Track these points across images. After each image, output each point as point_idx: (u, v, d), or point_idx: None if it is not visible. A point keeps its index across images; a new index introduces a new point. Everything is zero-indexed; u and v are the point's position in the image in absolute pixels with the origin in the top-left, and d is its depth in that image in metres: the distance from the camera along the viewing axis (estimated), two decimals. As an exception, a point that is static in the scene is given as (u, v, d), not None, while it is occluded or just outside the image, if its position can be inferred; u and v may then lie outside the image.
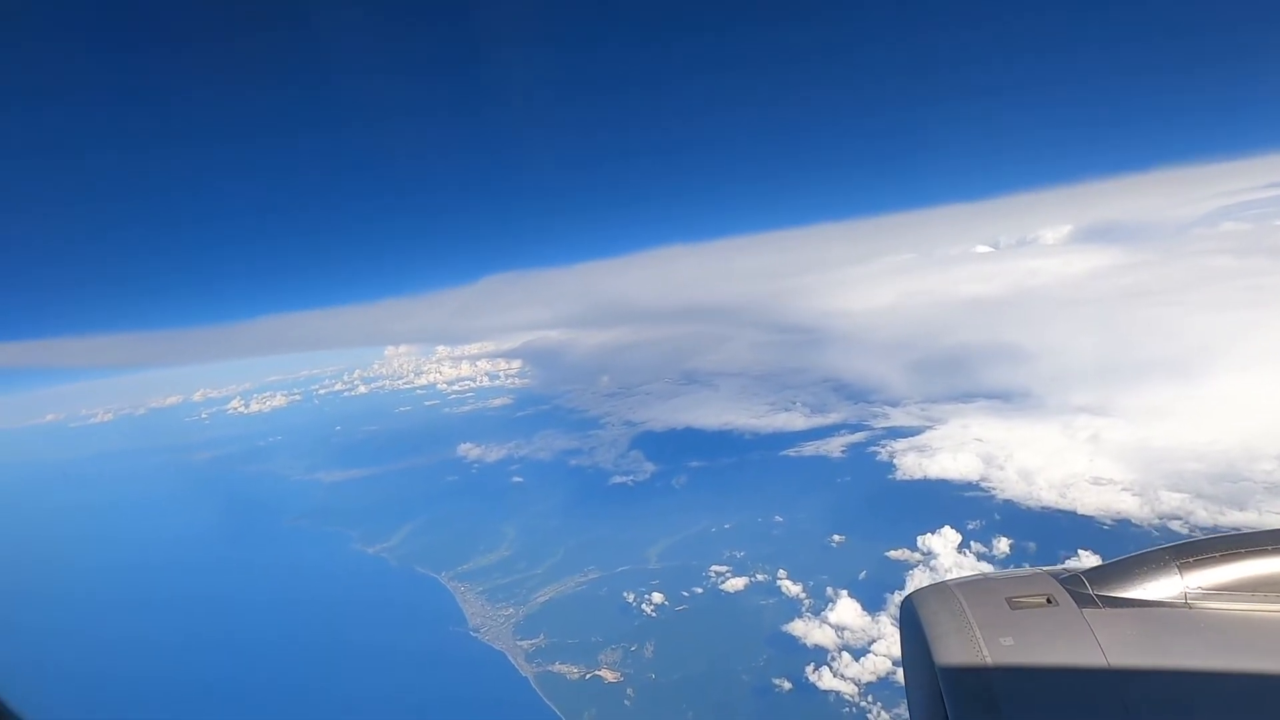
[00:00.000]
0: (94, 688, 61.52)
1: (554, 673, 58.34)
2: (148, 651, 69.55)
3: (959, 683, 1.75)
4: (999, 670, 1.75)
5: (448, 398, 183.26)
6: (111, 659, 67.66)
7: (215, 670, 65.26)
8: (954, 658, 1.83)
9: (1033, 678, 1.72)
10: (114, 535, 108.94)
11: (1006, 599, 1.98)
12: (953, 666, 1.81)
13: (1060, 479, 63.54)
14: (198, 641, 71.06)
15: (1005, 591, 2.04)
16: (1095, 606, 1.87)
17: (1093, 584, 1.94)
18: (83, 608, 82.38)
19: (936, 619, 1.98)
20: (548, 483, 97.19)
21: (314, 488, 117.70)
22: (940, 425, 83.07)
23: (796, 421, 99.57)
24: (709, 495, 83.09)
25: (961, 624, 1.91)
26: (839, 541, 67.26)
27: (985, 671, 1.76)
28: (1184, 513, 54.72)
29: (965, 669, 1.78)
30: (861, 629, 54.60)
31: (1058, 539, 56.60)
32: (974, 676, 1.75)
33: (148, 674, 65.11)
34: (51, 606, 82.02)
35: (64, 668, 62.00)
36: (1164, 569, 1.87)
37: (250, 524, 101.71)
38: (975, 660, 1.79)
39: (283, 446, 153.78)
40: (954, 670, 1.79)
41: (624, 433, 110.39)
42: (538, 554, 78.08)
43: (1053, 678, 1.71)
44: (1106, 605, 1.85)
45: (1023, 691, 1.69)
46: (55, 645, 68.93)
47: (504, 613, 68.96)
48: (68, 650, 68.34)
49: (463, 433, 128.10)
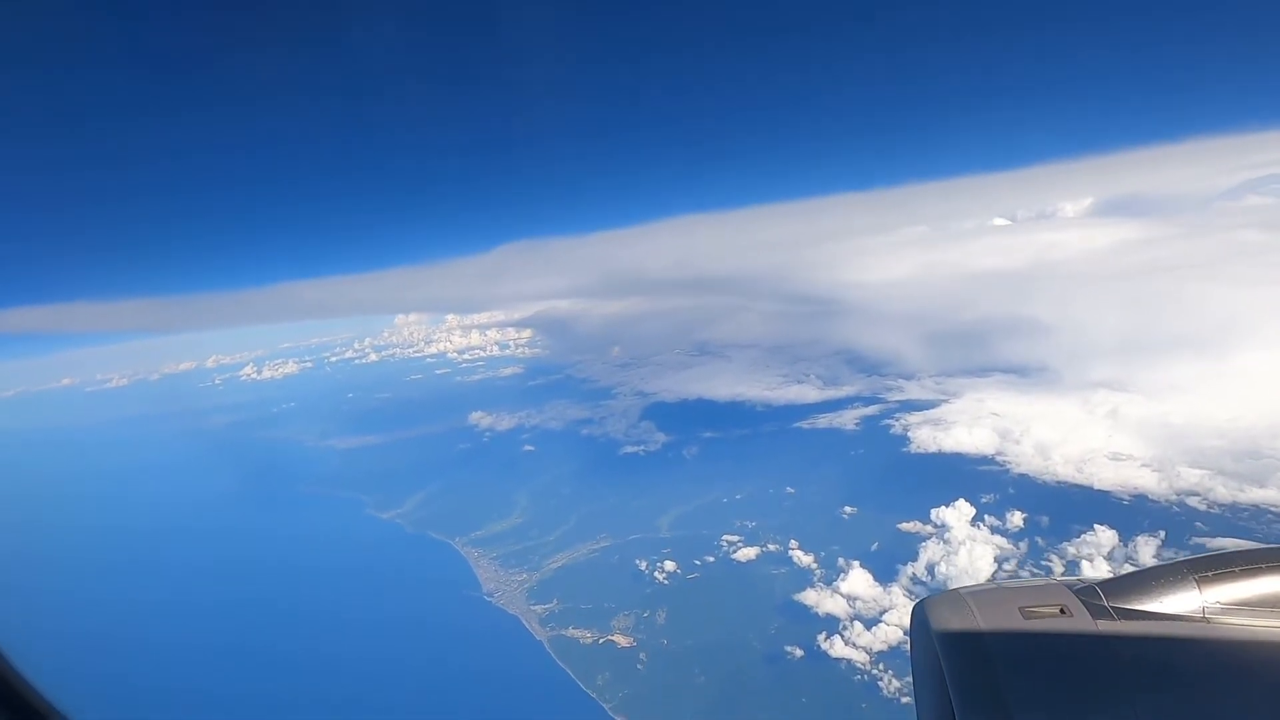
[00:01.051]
0: (111, 652, 62.23)
1: (567, 637, 59.19)
2: (165, 616, 70.36)
3: (969, 691, 1.72)
4: (1010, 679, 1.71)
5: (458, 366, 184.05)
6: (129, 624, 68.34)
7: (233, 635, 66.23)
8: (964, 665, 1.79)
9: (1044, 688, 1.69)
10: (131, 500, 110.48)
11: (1019, 608, 1.93)
12: (963, 674, 1.77)
13: (1077, 454, 63.14)
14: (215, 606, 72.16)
15: (1018, 601, 1.98)
16: (1110, 618, 1.81)
17: (1108, 595, 1.89)
18: (100, 573, 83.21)
19: (948, 626, 1.93)
20: (559, 452, 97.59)
21: (328, 454, 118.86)
22: (956, 399, 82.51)
23: (809, 394, 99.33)
24: (720, 466, 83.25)
25: (973, 632, 1.87)
26: (851, 513, 67.37)
27: (996, 680, 1.72)
28: (1203, 489, 54.31)
29: (976, 677, 1.74)
30: (873, 599, 54.97)
31: (1072, 514, 56.47)
32: (984, 685, 1.72)
33: (165, 638, 65.55)
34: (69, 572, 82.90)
35: (81, 633, 62.62)
36: (1181, 582, 1.81)
37: (266, 490, 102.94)
38: (986, 668, 1.75)
39: (296, 413, 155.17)
40: (964, 678, 1.75)
41: (635, 403, 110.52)
42: (550, 521, 78.76)
43: (1065, 689, 1.68)
44: (1121, 617, 1.79)
45: (1034, 702, 1.66)
46: (73, 611, 69.57)
47: (517, 578, 69.82)
48: (85, 616, 69.20)
49: (474, 401, 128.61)
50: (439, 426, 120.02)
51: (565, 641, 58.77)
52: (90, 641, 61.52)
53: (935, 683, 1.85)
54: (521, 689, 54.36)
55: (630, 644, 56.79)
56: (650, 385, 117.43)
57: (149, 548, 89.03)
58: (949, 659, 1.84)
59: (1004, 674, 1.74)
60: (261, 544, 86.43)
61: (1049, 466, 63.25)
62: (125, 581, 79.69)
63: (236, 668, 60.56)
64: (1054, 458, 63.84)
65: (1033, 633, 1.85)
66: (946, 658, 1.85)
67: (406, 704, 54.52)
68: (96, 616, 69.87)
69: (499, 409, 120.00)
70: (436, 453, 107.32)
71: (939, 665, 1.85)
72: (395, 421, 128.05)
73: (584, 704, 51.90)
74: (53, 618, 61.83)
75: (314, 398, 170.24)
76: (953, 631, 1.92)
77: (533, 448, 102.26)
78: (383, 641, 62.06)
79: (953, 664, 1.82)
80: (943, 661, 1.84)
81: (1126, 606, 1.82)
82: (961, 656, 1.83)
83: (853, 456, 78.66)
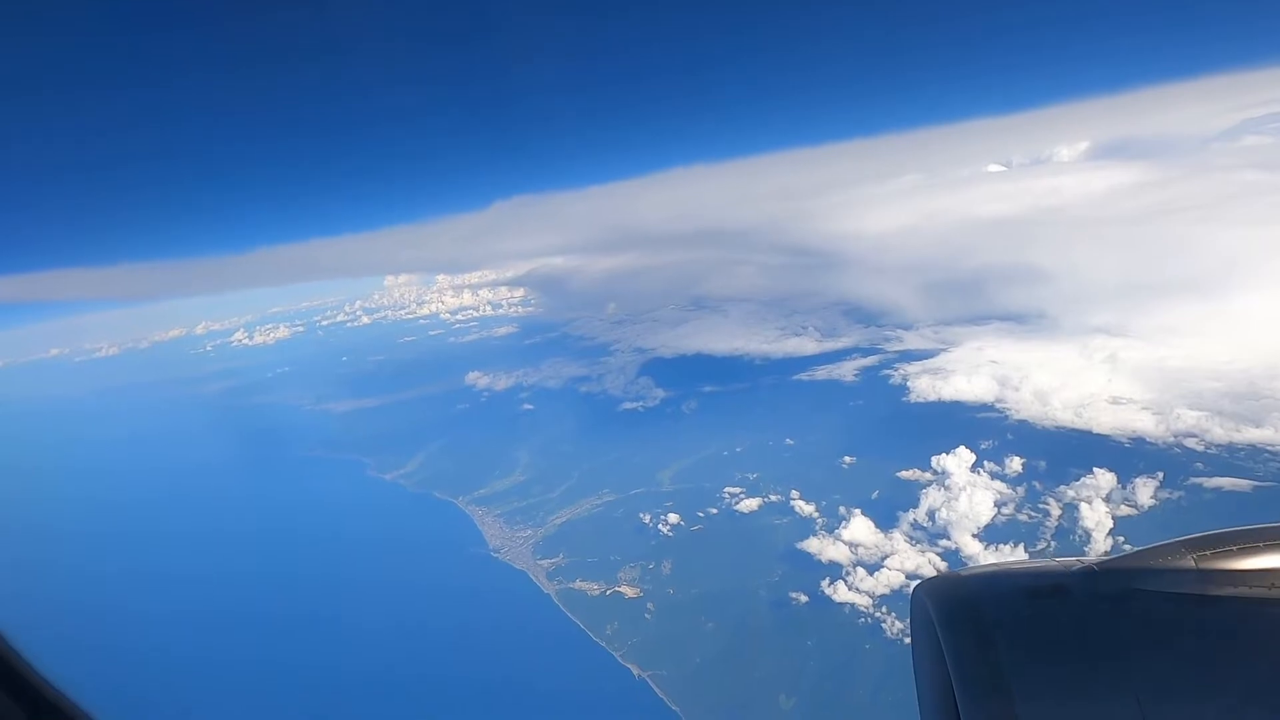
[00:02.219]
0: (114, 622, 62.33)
1: (575, 590, 60.23)
2: (169, 585, 70.35)
3: (969, 672, 1.74)
4: (1009, 659, 1.74)
5: (451, 327, 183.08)
6: (132, 595, 68.02)
7: (241, 601, 66.83)
8: (964, 646, 1.81)
9: (1044, 669, 1.72)
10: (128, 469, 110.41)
11: (1020, 590, 1.94)
12: (962, 655, 1.79)
13: (1076, 399, 63.58)
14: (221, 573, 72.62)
15: (1017, 581, 2.00)
16: (1110, 599, 1.82)
17: (1107, 575, 1.87)
18: (101, 544, 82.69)
19: (946, 607, 1.92)
20: (558, 409, 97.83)
21: (326, 418, 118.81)
22: (955, 348, 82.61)
23: (808, 346, 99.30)
24: (720, 420, 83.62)
25: (972, 613, 1.88)
26: (850, 463, 68.07)
27: (996, 660, 1.74)
28: (1200, 430, 54.93)
29: (975, 657, 1.76)
30: (875, 545, 55.92)
31: (1071, 458, 57.19)
32: (984, 665, 1.74)
33: (170, 609, 65.51)
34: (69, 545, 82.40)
35: (81, 607, 62.13)
36: (1179, 560, 1.79)
37: (266, 455, 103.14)
38: (985, 649, 1.77)
39: (291, 378, 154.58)
40: (964, 658, 1.77)
41: (633, 359, 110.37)
42: (552, 478, 79.36)
43: (1065, 668, 1.71)
44: (1121, 598, 1.80)
45: (1034, 682, 1.70)
46: (73, 585, 69.25)
47: (522, 534, 70.68)
48: (87, 589, 69.06)
49: (469, 361, 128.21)
50: (436, 387, 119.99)
51: (573, 594, 59.82)
52: (91, 616, 61.25)
53: (935, 664, 1.86)
54: (533, 640, 55.56)
55: (637, 594, 57.86)
56: (647, 341, 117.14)
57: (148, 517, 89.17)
58: (948, 640, 1.83)
59: (1003, 654, 1.75)
60: (264, 508, 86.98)
61: (1048, 412, 63.76)
62: (127, 552, 79.52)
63: (246, 634, 61.03)
64: (1053, 403, 64.31)
65: (1031, 613, 1.85)
66: (946, 639, 1.84)
67: (422, 658, 55.61)
68: (98, 590, 69.63)
69: (495, 368, 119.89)
70: (435, 413, 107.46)
71: (938, 646, 1.84)
72: (391, 383, 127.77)
73: (594, 653, 53.15)
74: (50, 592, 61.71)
75: (308, 362, 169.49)
76: (951, 612, 1.91)
77: (531, 406, 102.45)
78: (393, 599, 63.04)
79: (952, 645, 1.82)
80: (942, 642, 1.84)
81: (1127, 586, 1.81)
82: (960, 637, 1.83)
83: (852, 407, 79.13)
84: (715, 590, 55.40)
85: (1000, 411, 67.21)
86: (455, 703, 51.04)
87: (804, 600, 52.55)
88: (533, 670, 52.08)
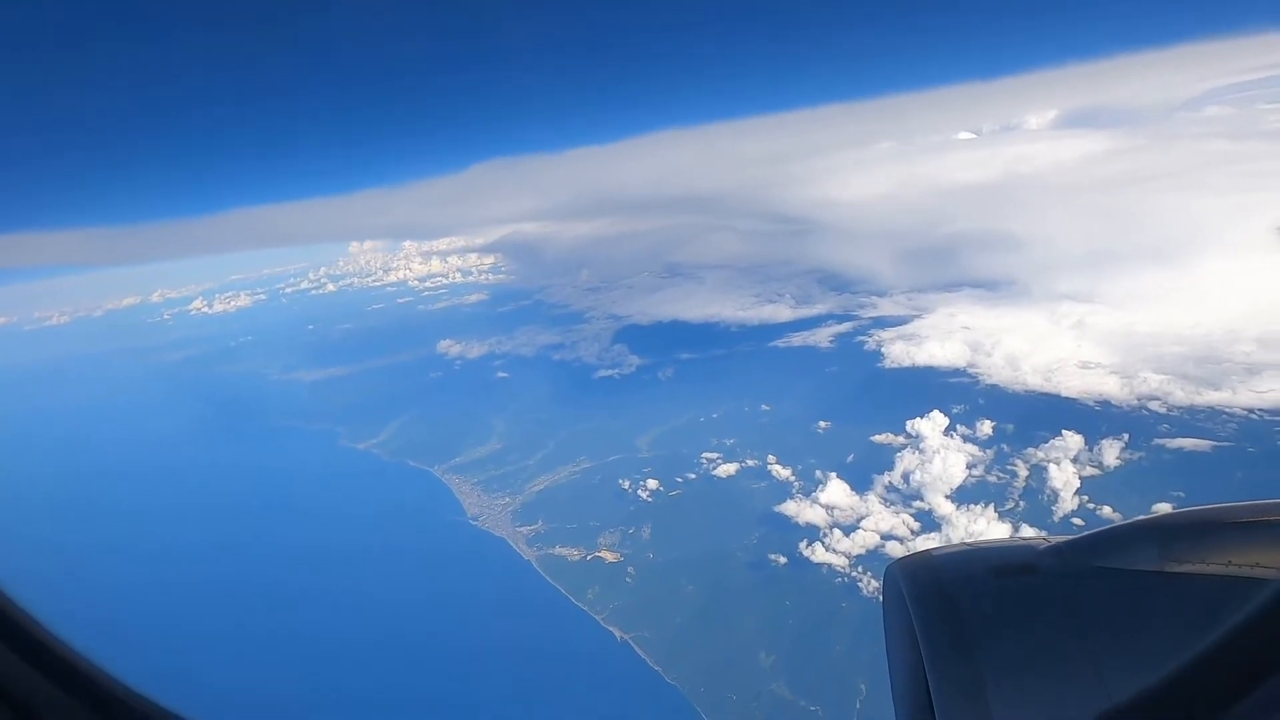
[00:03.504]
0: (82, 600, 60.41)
1: (555, 555, 60.48)
2: (142, 560, 68.55)
3: (940, 652, 1.80)
4: (978, 636, 1.80)
5: (420, 294, 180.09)
6: (95, 571, 65.50)
7: (216, 574, 65.42)
8: (935, 624, 1.87)
9: (1011, 644, 1.79)
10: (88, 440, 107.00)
11: (989, 568, 2.01)
12: (933, 632, 1.85)
13: (1045, 364, 65.14)
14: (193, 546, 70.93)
15: (988, 560, 2.06)
16: (1075, 576, 1.90)
17: (1073, 553, 1.95)
18: (61, 517, 79.00)
19: (919, 586, 1.98)
20: (533, 377, 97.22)
21: (295, 387, 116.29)
22: (928, 314, 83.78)
23: (783, 313, 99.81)
24: (696, 387, 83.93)
25: (944, 592, 1.95)
26: (826, 428, 68.97)
27: (966, 639, 1.81)
28: (1163, 393, 56.75)
29: (946, 636, 1.83)
30: (850, 507, 57.00)
31: (1040, 420, 58.71)
32: (954, 643, 1.80)
33: (139, 584, 63.89)
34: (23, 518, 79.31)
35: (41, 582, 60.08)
36: (1142, 538, 1.89)
37: (234, 425, 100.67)
38: (956, 627, 1.84)
39: (255, 346, 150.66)
40: (934, 636, 1.84)
41: (608, 326, 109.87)
42: (529, 446, 79.08)
43: (1030, 644, 1.78)
44: (1086, 575, 1.88)
45: (1001, 657, 1.76)
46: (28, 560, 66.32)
47: (500, 502, 70.53)
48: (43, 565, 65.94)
49: (441, 329, 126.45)
50: (407, 355, 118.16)
51: (553, 560, 60.07)
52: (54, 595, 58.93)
53: (907, 641, 1.90)
54: (514, 606, 55.77)
55: (618, 559, 58.32)
56: (622, 308, 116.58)
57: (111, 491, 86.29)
58: (920, 617, 1.89)
59: (972, 630, 1.81)
60: (234, 479, 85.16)
61: (1018, 377, 65.23)
62: (88, 528, 76.32)
63: (221, 610, 59.72)
64: (1023, 368, 65.80)
65: (1001, 592, 1.91)
66: (918, 616, 1.89)
67: (404, 627, 55.49)
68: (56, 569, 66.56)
69: (468, 336, 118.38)
70: (407, 382, 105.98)
71: (910, 623, 1.90)
72: (361, 352, 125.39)
73: (576, 617, 53.62)
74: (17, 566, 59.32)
75: (272, 330, 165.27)
76: (923, 590, 1.97)
77: (506, 374, 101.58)
78: (372, 569, 62.64)
79: (923, 621, 1.88)
80: (914, 619, 1.89)
81: (1091, 564, 1.89)
82: (932, 614, 1.89)
83: (827, 373, 79.97)
84: (695, 553, 56.06)
85: (972, 376, 68.55)
86: (440, 668, 51.19)
87: (783, 562, 53.52)
88: (515, 635, 52.42)
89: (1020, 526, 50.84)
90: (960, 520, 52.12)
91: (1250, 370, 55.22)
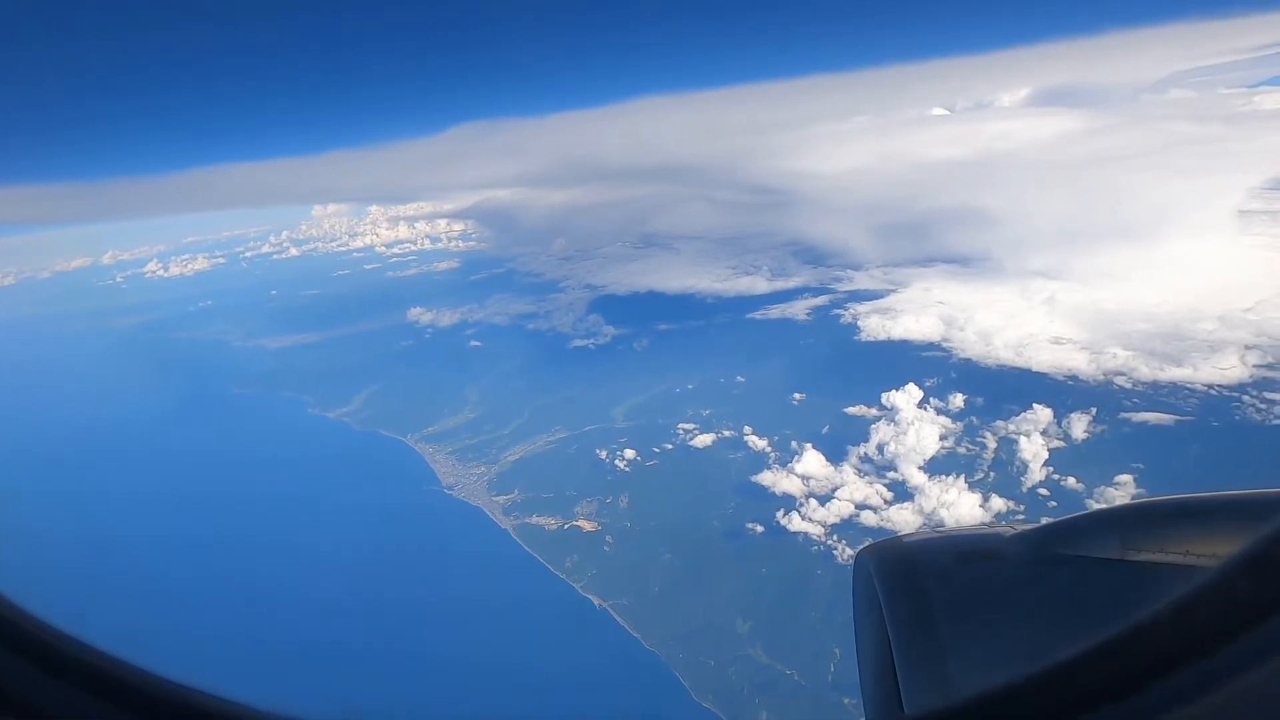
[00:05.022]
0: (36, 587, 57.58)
1: (532, 524, 60.35)
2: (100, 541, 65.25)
3: (907, 635, 1.87)
4: (945, 623, 1.87)
5: (388, 261, 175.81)
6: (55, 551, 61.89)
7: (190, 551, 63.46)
8: (902, 610, 1.92)
9: (975, 630, 1.86)
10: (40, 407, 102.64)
11: (957, 555, 2.06)
12: (900, 618, 1.90)
13: (1017, 339, 66.51)
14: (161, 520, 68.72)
15: (957, 547, 2.11)
16: (1039, 563, 1.96)
17: (1038, 541, 2.01)
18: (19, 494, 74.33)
19: (888, 572, 2.03)
20: (507, 346, 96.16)
21: (259, 354, 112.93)
22: (903, 289, 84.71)
23: (759, 285, 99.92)
24: (672, 358, 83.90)
25: (912, 578, 2.00)
26: (801, 399, 69.62)
27: (933, 624, 1.87)
28: (1129, 369, 58.44)
29: (913, 621, 1.89)
30: (826, 478, 57.85)
31: (1011, 394, 60.11)
32: (922, 629, 1.87)
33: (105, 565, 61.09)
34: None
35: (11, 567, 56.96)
36: (1105, 529, 1.95)
37: (196, 391, 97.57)
38: (923, 613, 1.90)
39: (215, 311, 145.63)
40: (902, 622, 1.90)
41: (583, 296, 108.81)
42: (503, 415, 78.40)
43: (994, 632, 1.86)
44: (1049, 562, 1.95)
45: (966, 644, 1.84)
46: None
47: (475, 471, 69.94)
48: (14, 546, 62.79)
49: (411, 297, 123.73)
50: (376, 323, 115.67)
51: (530, 529, 59.95)
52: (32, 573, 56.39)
53: (876, 626, 1.96)
54: (491, 574, 55.64)
55: (595, 528, 58.43)
56: (597, 278, 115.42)
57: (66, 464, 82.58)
58: (888, 602, 1.94)
59: (939, 616, 1.86)
60: (197, 447, 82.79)
61: (991, 351, 66.55)
62: (44, 504, 71.86)
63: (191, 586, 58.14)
64: (995, 343, 67.12)
65: (967, 578, 1.97)
66: (886, 601, 1.94)
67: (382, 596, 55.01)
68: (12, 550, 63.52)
69: (439, 304, 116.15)
70: (377, 350, 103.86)
71: (879, 608, 1.95)
72: (328, 319, 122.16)
73: (554, 585, 53.74)
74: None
75: (233, 295, 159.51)
76: (892, 576, 2.02)
77: (479, 343, 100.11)
78: (347, 538, 61.76)
79: (892, 608, 1.93)
80: (882, 604, 1.94)
81: (1056, 551, 1.95)
82: (900, 599, 1.94)
83: (803, 345, 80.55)
84: (673, 522, 56.42)
85: (946, 350, 69.70)
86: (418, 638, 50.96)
87: (760, 531, 54.21)
88: (492, 603, 52.38)
89: (990, 497, 52.23)
90: (933, 491, 53.29)
91: (1212, 347, 57.16)
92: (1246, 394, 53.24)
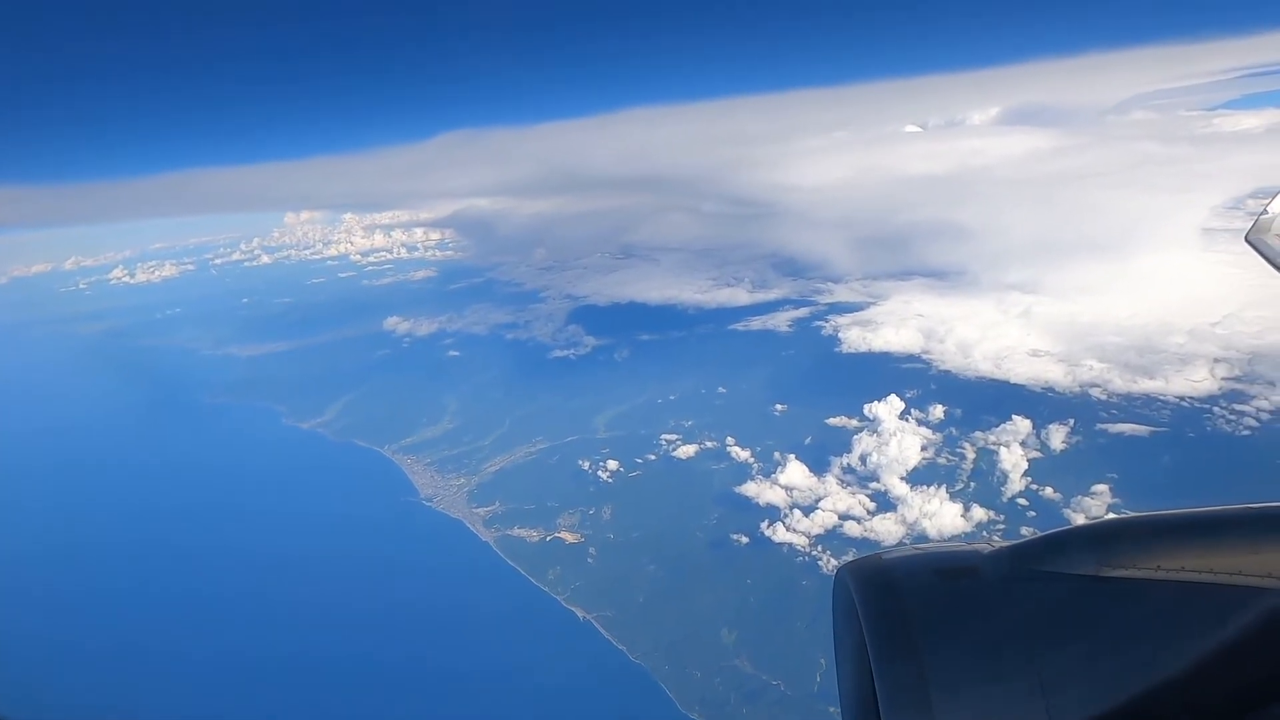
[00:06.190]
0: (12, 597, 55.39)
1: (514, 537, 59.52)
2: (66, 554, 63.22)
3: (886, 652, 1.87)
4: (925, 640, 1.87)
5: (364, 269, 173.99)
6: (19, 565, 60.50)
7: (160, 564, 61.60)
8: (882, 627, 1.91)
9: (955, 648, 1.86)
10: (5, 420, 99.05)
11: (936, 571, 2.06)
12: (880, 634, 1.89)
13: (995, 351, 67.72)
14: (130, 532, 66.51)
15: (935, 564, 2.10)
16: (1017, 580, 1.97)
17: (1016, 558, 2.01)
18: None
19: (867, 588, 2.01)
20: (486, 356, 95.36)
21: (230, 362, 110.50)
22: (883, 301, 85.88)
23: (740, 297, 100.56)
24: (652, 368, 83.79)
25: (891, 594, 2.00)
26: (782, 410, 69.91)
27: (912, 641, 1.87)
28: (1103, 381, 59.76)
29: (893, 638, 1.88)
30: (809, 488, 57.99)
31: (990, 406, 61.01)
32: (901, 646, 1.86)
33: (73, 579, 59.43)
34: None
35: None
36: (1080, 545, 1.97)
37: (165, 400, 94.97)
38: (902, 629, 1.90)
39: (184, 319, 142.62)
40: (882, 640, 1.89)
41: (563, 306, 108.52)
42: (483, 426, 77.49)
43: (973, 649, 1.86)
44: (1026, 579, 1.96)
45: (945, 661, 1.84)
46: None
47: (455, 483, 68.91)
48: None
49: (387, 305, 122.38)
50: (351, 331, 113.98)
51: (512, 541, 59.11)
52: None
53: (855, 642, 1.96)
54: (473, 587, 54.69)
55: (578, 540, 57.79)
56: (577, 288, 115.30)
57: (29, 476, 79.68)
58: (868, 619, 1.93)
59: (918, 633, 1.87)
60: (167, 457, 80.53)
61: (970, 363, 67.65)
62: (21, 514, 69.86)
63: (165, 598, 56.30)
64: (974, 355, 68.25)
65: (946, 595, 1.97)
66: (865, 618, 1.94)
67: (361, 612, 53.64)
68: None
69: (417, 313, 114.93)
70: (353, 359, 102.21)
71: (859, 625, 1.95)
72: (302, 327, 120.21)
73: (537, 598, 52.95)
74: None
75: (202, 302, 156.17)
76: (871, 593, 2.00)
77: (458, 353, 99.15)
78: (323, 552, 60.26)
79: (870, 624, 1.92)
80: (862, 621, 1.94)
81: (1033, 568, 1.96)
82: (879, 616, 1.93)
83: (784, 357, 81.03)
84: (657, 533, 56.06)
85: (926, 362, 70.66)
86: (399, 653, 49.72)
87: (744, 541, 54.09)
88: (475, 616, 51.45)
89: (970, 507, 52.79)
90: (915, 501, 53.72)
91: (1183, 360, 58.81)
92: (1217, 405, 54.87)
